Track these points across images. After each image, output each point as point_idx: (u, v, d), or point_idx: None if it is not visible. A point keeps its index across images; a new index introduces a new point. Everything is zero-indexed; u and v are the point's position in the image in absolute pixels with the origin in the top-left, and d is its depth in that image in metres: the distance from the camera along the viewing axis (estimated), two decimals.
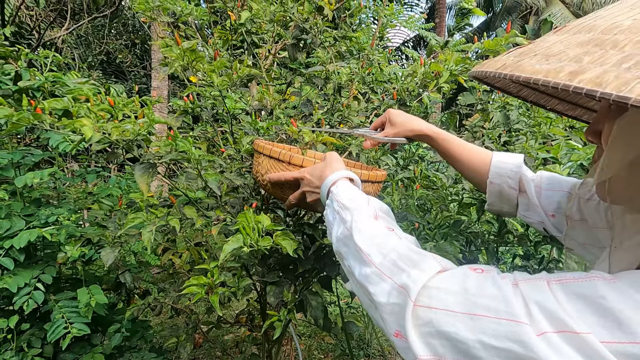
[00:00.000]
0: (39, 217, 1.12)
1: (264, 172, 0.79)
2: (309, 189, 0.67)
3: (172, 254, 1.53)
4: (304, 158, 0.72)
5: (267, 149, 0.76)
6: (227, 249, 0.68)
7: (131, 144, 0.95)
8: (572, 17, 10.46)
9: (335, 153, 0.69)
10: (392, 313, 0.40)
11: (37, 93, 1.06)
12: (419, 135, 0.74)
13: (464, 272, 0.39)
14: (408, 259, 0.42)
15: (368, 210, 0.53)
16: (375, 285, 0.43)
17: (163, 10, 1.36)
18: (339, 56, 1.43)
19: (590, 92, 0.27)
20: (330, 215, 0.58)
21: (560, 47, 0.34)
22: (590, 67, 0.29)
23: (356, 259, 0.47)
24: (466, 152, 0.72)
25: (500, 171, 0.68)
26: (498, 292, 0.34)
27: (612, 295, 0.29)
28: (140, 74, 7.29)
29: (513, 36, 0.80)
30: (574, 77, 0.29)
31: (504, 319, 0.32)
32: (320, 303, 0.86)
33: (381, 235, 0.48)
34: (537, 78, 0.31)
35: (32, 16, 2.84)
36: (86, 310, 1.10)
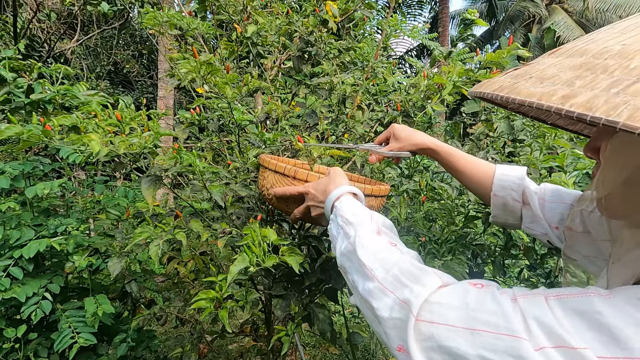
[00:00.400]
0: (48, 227, 1.13)
1: (269, 186, 0.80)
2: (314, 204, 0.69)
3: (177, 263, 1.54)
4: (308, 173, 0.73)
5: (273, 164, 0.77)
6: (234, 270, 0.69)
7: (138, 157, 0.96)
8: (575, 26, 10.48)
9: (339, 168, 0.70)
10: (395, 327, 0.41)
11: (49, 105, 1.08)
12: (423, 149, 0.76)
13: (464, 287, 0.39)
14: (410, 274, 0.43)
15: (371, 225, 0.54)
16: (378, 300, 0.43)
17: (170, 26, 1.39)
18: (343, 67, 1.44)
19: (580, 116, 0.28)
20: (335, 230, 0.59)
21: (554, 70, 0.35)
22: (582, 91, 0.30)
23: (359, 274, 0.48)
24: (469, 164, 0.73)
25: (504, 184, 0.69)
26: (497, 307, 0.35)
27: (608, 311, 0.30)
28: (147, 84, 7.40)
29: (515, 49, 0.81)
30: (566, 101, 0.30)
31: (503, 334, 0.33)
32: (327, 316, 0.86)
33: (384, 250, 0.49)
34: (531, 101, 0.33)
35: (43, 29, 2.91)
36: (93, 319, 1.11)
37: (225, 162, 1.39)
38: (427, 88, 0.95)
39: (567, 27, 10.37)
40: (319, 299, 0.90)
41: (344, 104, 1.25)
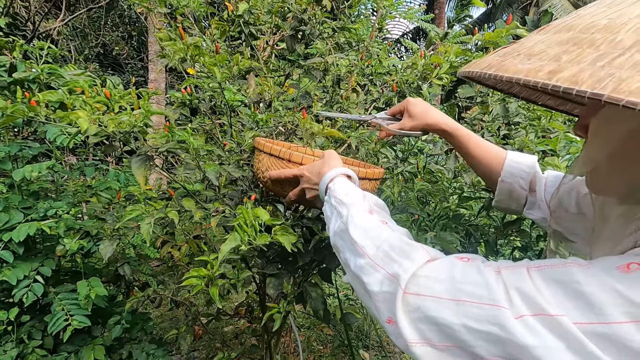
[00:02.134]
0: (37, 210, 1.11)
1: (264, 169, 0.80)
2: (308, 186, 0.70)
3: (171, 246, 1.54)
4: (303, 155, 0.73)
5: (268, 147, 0.77)
6: (225, 249, 0.68)
7: (128, 136, 0.94)
8: (572, 8, 10.36)
9: (334, 151, 0.71)
10: (384, 301, 0.42)
11: (33, 85, 1.05)
12: (436, 129, 0.74)
13: (451, 261, 0.41)
14: (400, 250, 0.44)
15: (363, 205, 0.55)
16: (368, 275, 0.45)
17: (160, 2, 1.34)
18: (337, 47, 1.41)
19: (566, 90, 0.29)
20: (328, 211, 0.60)
21: (541, 46, 0.36)
22: (568, 65, 0.31)
23: (351, 252, 0.49)
24: (481, 149, 0.72)
25: (513, 171, 0.69)
26: (481, 279, 0.36)
27: (586, 279, 0.31)
28: (138, 67, 7.22)
29: (514, 28, 0.79)
30: (552, 76, 0.31)
31: (486, 303, 0.35)
32: (320, 295, 0.87)
33: (375, 228, 0.50)
34: (518, 77, 0.33)
35: (27, 7, 2.80)
36: (86, 302, 1.10)
37: (219, 144, 1.37)
38: (423, 68, 0.93)
39: (564, 9, 10.26)
40: (312, 278, 0.91)
41: (339, 85, 1.23)
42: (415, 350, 0.38)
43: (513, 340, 0.32)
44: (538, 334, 0.31)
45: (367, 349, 2.37)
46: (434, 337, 0.38)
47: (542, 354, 0.30)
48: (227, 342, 2.21)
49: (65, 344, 1.17)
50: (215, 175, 0.99)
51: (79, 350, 1.20)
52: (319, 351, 2.34)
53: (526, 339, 0.31)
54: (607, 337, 0.29)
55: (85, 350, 1.18)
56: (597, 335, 0.29)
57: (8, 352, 1.06)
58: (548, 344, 0.30)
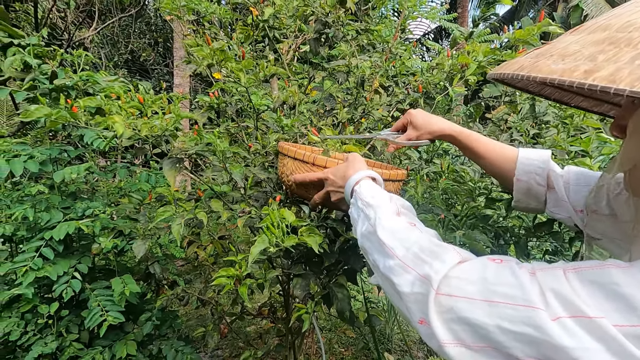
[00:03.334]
0: (75, 210, 1.17)
1: (288, 173, 0.81)
2: (333, 189, 0.70)
3: (197, 247, 1.58)
4: (327, 159, 0.74)
5: (292, 151, 0.78)
6: (255, 252, 0.70)
7: (160, 139, 0.98)
8: (604, 3, 9.91)
9: (357, 154, 0.72)
10: (416, 302, 0.42)
11: (72, 91, 1.11)
12: (442, 135, 0.75)
13: (482, 262, 0.41)
14: (430, 251, 0.44)
15: (390, 206, 0.55)
16: (399, 276, 0.45)
17: (187, 10, 1.39)
18: (360, 49, 1.42)
19: (604, 89, 0.28)
20: (355, 213, 0.60)
21: (575, 47, 0.35)
22: (605, 65, 0.30)
23: (380, 253, 0.50)
24: (491, 149, 0.71)
25: (527, 168, 0.67)
26: (515, 280, 0.36)
27: (626, 281, 0.30)
28: (163, 72, 7.47)
29: (546, 25, 0.77)
30: (588, 75, 0.30)
31: (520, 305, 0.34)
32: (346, 296, 0.87)
33: (403, 230, 0.50)
34: (552, 77, 0.32)
35: (63, 18, 2.96)
36: (120, 298, 1.15)
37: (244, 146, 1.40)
38: (450, 68, 0.92)
39: (595, 4, 9.82)
40: (338, 279, 0.91)
41: (362, 86, 1.23)
42: (449, 350, 0.38)
43: (550, 341, 0.31)
44: (576, 336, 0.30)
45: (390, 353, 2.34)
46: (467, 338, 0.37)
47: (580, 355, 0.30)
48: (251, 342, 2.24)
49: (100, 338, 1.22)
50: (241, 177, 1.02)
51: (112, 345, 1.25)
52: (340, 353, 2.34)
53: (563, 341, 0.31)
54: None
55: (119, 345, 1.23)
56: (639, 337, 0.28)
57: (49, 345, 1.12)
58: (586, 346, 0.30)
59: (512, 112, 1.08)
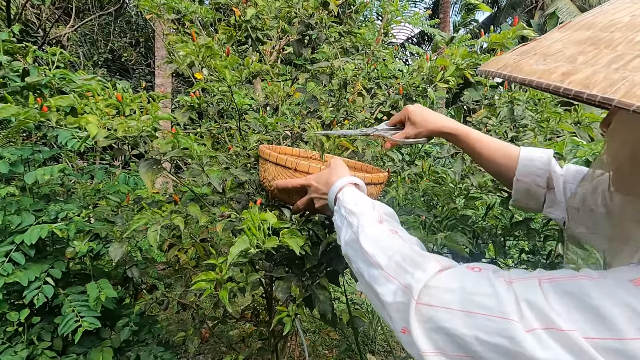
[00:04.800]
0: (48, 213, 1.13)
1: (270, 178, 0.81)
2: (317, 196, 0.70)
3: (178, 250, 1.54)
4: (309, 165, 0.74)
5: (274, 157, 0.78)
6: (234, 252, 0.69)
7: (137, 140, 0.96)
8: (578, 12, 10.32)
9: (339, 158, 0.72)
10: (398, 311, 0.43)
11: (45, 90, 1.07)
12: (441, 133, 0.73)
13: (462, 271, 0.42)
14: (411, 260, 0.45)
15: (373, 214, 0.56)
16: (382, 286, 0.46)
17: (168, 9, 1.37)
18: (343, 52, 1.42)
19: (578, 94, 0.28)
20: (339, 221, 0.60)
21: (559, 45, 0.34)
22: (582, 67, 0.30)
23: (363, 262, 0.50)
24: (491, 148, 0.70)
25: (528, 169, 0.67)
26: (492, 290, 0.36)
27: (597, 293, 0.31)
28: (145, 72, 7.31)
29: (520, 29, 0.80)
30: (565, 79, 0.30)
31: (496, 316, 0.35)
32: (328, 297, 0.87)
33: (386, 238, 0.51)
34: (531, 79, 0.32)
35: (38, 14, 2.86)
36: (95, 304, 1.11)
37: (225, 149, 1.38)
38: (430, 70, 0.93)
39: (569, 13, 10.21)
40: (320, 281, 0.91)
41: (345, 88, 1.23)
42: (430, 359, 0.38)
43: (523, 353, 0.32)
44: (549, 348, 0.31)
45: (373, 354, 2.35)
46: (447, 348, 0.38)
47: None
48: (233, 346, 2.21)
49: (75, 345, 1.18)
50: (218, 182, 1.00)
51: (87, 352, 1.21)
52: (324, 355, 2.33)
53: (536, 353, 0.31)
54: (620, 353, 0.28)
55: (94, 352, 1.19)
56: (610, 350, 0.29)
57: (19, 353, 1.07)
58: (559, 358, 0.30)
59: (491, 115, 1.11)
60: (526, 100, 1.12)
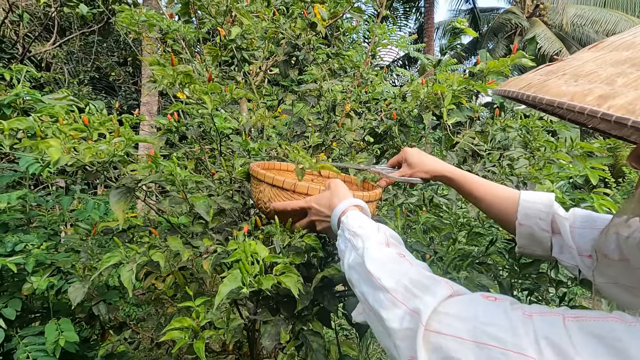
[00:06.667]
0: (4, 245, 1.02)
1: (266, 200, 0.77)
2: (319, 218, 0.68)
3: (155, 278, 1.43)
4: (308, 186, 0.71)
5: (270, 177, 0.74)
6: (224, 291, 0.60)
7: (107, 166, 0.87)
8: (555, 38, 10.82)
9: (340, 180, 0.69)
10: (405, 339, 0.40)
11: (7, 110, 0.98)
12: (437, 176, 0.74)
13: (475, 298, 0.39)
14: (420, 284, 0.43)
15: (379, 237, 0.53)
16: (388, 310, 0.43)
17: (149, 27, 1.31)
18: (331, 74, 1.39)
19: (620, 120, 0.24)
20: (342, 244, 0.58)
21: (592, 66, 0.31)
22: (623, 90, 0.26)
23: (369, 285, 0.48)
24: (491, 191, 0.69)
25: (529, 212, 0.64)
26: (507, 322, 0.34)
27: (631, 339, 0.28)
28: (131, 90, 7.22)
29: (519, 57, 0.77)
30: (603, 102, 0.26)
31: (511, 350, 0.32)
32: (322, 345, 0.78)
33: (393, 260, 0.48)
34: (561, 101, 0.28)
35: (17, 30, 2.76)
36: (54, 348, 0.99)
37: (208, 172, 1.31)
38: (425, 97, 0.89)
39: (547, 39, 10.70)
40: (313, 325, 0.82)
41: (334, 111, 1.19)
42: None
43: None
44: None
45: None
46: None
47: None
48: None
49: None
50: (205, 210, 0.92)
51: None
52: None
53: None
54: None
55: None
56: None
57: None
58: None
59: (483, 142, 1.07)
60: (518, 128, 1.09)
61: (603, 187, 1.20)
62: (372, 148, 1.27)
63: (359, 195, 0.68)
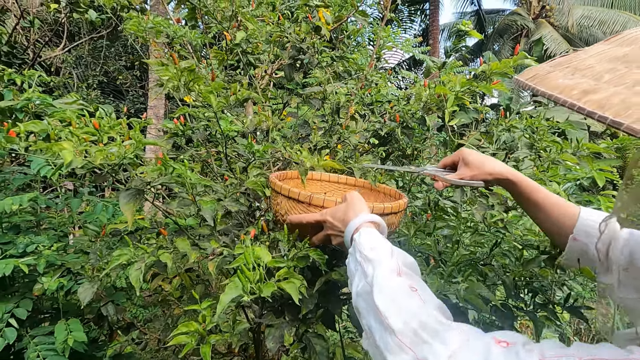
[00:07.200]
0: (16, 246, 1.04)
1: (283, 212, 0.77)
2: (333, 232, 0.66)
3: (162, 279, 1.45)
4: (324, 199, 0.70)
5: (285, 190, 0.74)
6: (225, 300, 0.61)
7: (117, 168, 0.89)
8: (562, 40, 10.73)
9: (357, 193, 0.67)
10: None
11: (20, 114, 1.00)
12: (499, 179, 0.69)
13: (487, 347, 0.37)
14: (430, 329, 0.41)
15: (391, 264, 0.51)
16: (394, 355, 0.41)
17: (156, 33, 1.33)
18: (336, 76, 1.40)
19: (590, 115, 0.26)
20: (352, 266, 0.56)
21: (593, 60, 0.32)
22: (604, 86, 0.28)
23: (376, 321, 0.46)
24: (551, 202, 0.66)
25: (589, 230, 0.61)
26: None
27: None
28: (139, 94, 7.30)
29: (522, 58, 0.77)
30: (583, 97, 0.28)
31: None
32: (325, 348, 0.78)
33: (403, 296, 0.46)
34: (551, 94, 0.30)
35: (28, 36, 2.83)
36: (64, 347, 1.01)
37: (214, 174, 1.32)
38: (427, 99, 0.90)
39: (553, 40, 10.61)
40: (316, 328, 0.82)
41: (338, 113, 1.19)
42: None
43: None
44: None
45: None
46: None
47: None
48: None
49: None
50: (211, 215, 0.93)
51: None
52: None
53: None
54: None
55: None
56: None
57: None
58: None
59: (489, 142, 1.07)
60: (524, 129, 1.09)
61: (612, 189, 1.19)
62: (377, 150, 1.28)
63: (379, 208, 0.66)
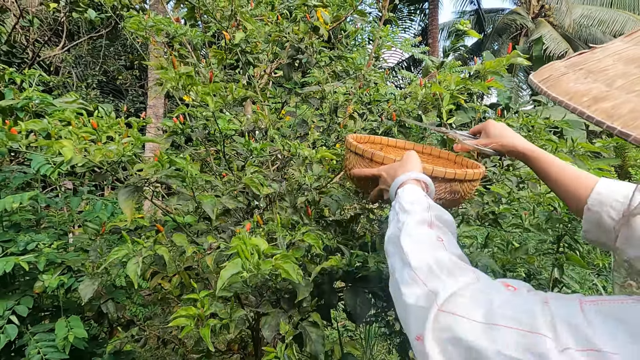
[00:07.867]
0: (17, 244, 1.05)
1: (350, 167, 0.81)
2: (384, 187, 0.69)
3: (161, 278, 1.46)
4: (384, 156, 0.73)
5: (353, 146, 0.78)
6: (225, 275, 0.63)
7: (116, 166, 0.90)
8: (561, 39, 10.73)
9: (414, 152, 0.69)
10: (417, 317, 0.40)
11: (20, 113, 1.01)
12: (512, 151, 0.71)
13: (495, 286, 0.39)
14: (446, 268, 0.43)
15: (424, 215, 0.53)
16: (408, 286, 0.44)
17: (157, 32, 1.34)
18: (335, 76, 1.41)
19: (598, 124, 0.25)
20: (391, 216, 0.59)
21: (608, 62, 0.31)
22: (615, 93, 0.26)
23: (399, 259, 0.49)
24: (567, 174, 0.66)
25: (603, 198, 0.60)
26: (525, 305, 0.34)
27: None
28: (138, 93, 7.30)
29: (515, 57, 0.78)
30: (592, 104, 0.26)
31: (526, 330, 0.31)
32: (320, 336, 0.80)
33: (427, 241, 0.48)
34: (561, 100, 0.29)
35: (27, 35, 2.84)
36: (64, 344, 1.02)
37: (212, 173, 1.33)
38: (423, 97, 0.91)
39: (552, 39, 10.61)
40: (312, 317, 0.84)
41: (336, 113, 1.20)
42: None
43: None
44: None
45: None
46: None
47: None
48: None
49: None
50: (211, 208, 0.95)
51: None
52: None
53: None
54: None
55: None
56: None
57: None
58: None
59: None
60: (520, 127, 1.10)
61: None
62: None
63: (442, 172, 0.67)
